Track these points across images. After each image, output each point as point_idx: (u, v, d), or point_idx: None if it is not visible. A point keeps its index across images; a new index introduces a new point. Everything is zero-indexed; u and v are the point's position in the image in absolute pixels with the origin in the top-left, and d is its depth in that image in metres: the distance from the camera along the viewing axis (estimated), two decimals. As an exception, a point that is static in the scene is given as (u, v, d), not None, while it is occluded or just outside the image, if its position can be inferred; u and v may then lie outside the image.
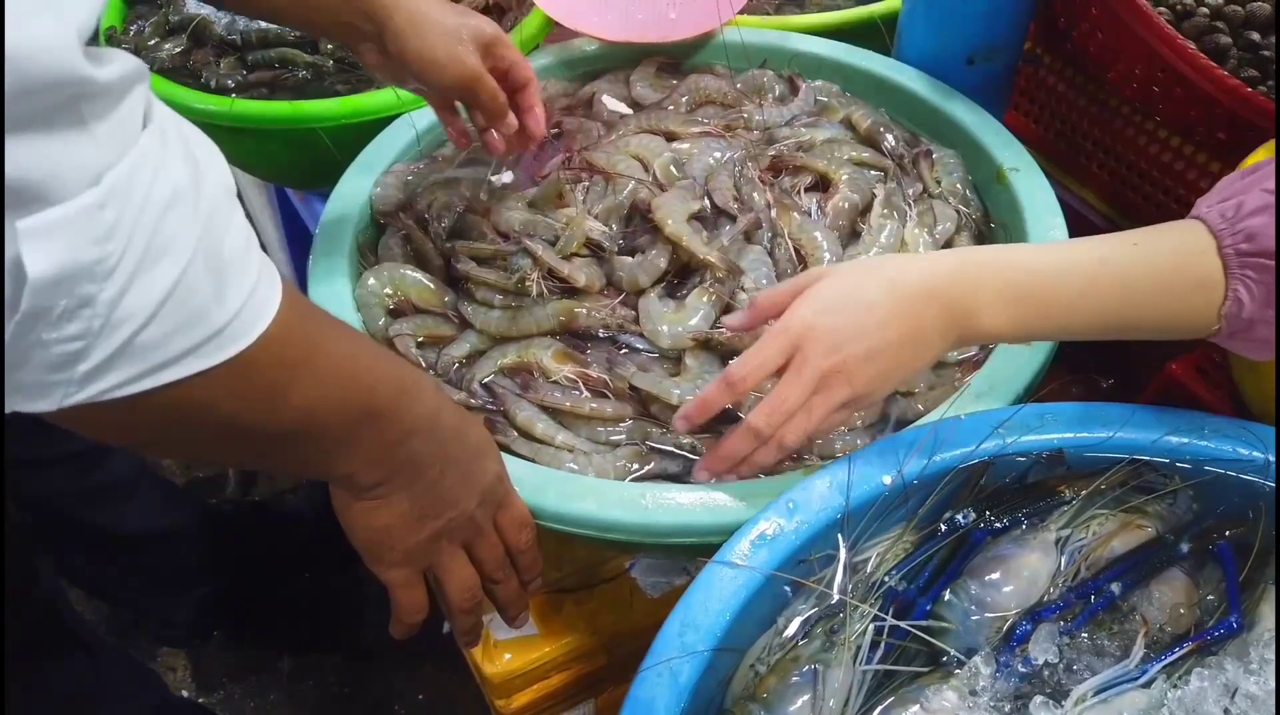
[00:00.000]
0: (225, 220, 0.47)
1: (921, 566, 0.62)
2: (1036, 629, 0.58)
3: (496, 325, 0.87)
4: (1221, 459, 0.64)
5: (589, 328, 0.86)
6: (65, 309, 0.41)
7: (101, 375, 0.43)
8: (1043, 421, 0.66)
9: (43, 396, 0.43)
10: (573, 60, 1.16)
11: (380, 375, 0.60)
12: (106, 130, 0.41)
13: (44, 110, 0.38)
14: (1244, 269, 0.60)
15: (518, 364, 0.84)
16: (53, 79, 0.38)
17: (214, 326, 0.46)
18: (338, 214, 0.97)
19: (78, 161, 0.40)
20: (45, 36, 0.37)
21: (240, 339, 0.48)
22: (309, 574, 1.55)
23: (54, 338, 0.41)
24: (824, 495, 0.63)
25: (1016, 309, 0.64)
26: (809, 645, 0.59)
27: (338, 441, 0.58)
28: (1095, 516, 0.64)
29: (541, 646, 0.89)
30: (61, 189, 0.39)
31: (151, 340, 0.44)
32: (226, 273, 0.47)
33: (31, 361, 0.42)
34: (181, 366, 0.46)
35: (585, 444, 0.79)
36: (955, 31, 1.06)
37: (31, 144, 0.38)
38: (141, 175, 0.42)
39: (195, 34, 1.21)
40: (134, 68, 0.43)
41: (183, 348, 0.45)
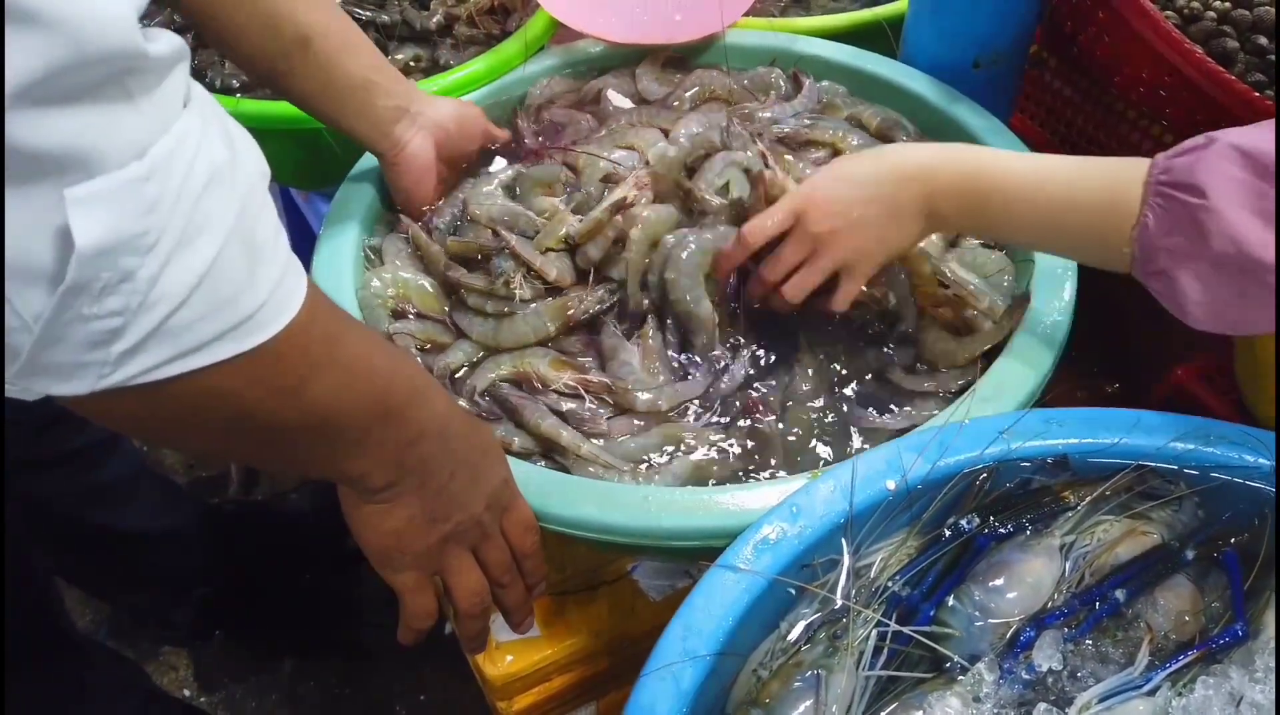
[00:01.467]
0: (260, 204, 0.48)
1: (925, 572, 0.62)
2: (1040, 636, 0.58)
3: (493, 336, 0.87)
4: (1227, 466, 0.64)
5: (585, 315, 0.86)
6: (107, 282, 0.41)
7: (135, 356, 0.43)
8: (1047, 427, 0.66)
9: (76, 377, 0.43)
10: (577, 61, 1.16)
11: (396, 375, 0.60)
12: (151, 104, 0.41)
13: (94, 82, 0.38)
14: (1155, 197, 0.65)
15: (515, 374, 0.84)
16: (111, 51, 0.38)
17: (244, 312, 0.46)
18: (341, 214, 0.97)
19: (124, 133, 0.40)
20: (106, 9, 0.37)
21: (268, 327, 0.48)
22: (310, 574, 1.55)
23: (94, 313, 0.41)
24: (827, 499, 0.63)
25: (962, 200, 0.74)
26: (812, 650, 0.58)
27: (352, 440, 0.58)
28: (1100, 523, 0.64)
29: (543, 649, 0.89)
30: (108, 159, 0.39)
31: (185, 322, 0.44)
32: (258, 258, 0.47)
33: (69, 339, 0.41)
34: (211, 351, 0.46)
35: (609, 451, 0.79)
36: (961, 35, 1.05)
37: (80, 114, 0.38)
38: (183, 152, 0.42)
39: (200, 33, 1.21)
40: (178, 46, 0.43)
41: (214, 332, 0.45)
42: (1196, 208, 0.62)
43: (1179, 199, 0.63)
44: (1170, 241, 0.64)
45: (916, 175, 0.76)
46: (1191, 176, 0.63)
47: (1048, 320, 0.79)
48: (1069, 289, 0.82)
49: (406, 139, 0.93)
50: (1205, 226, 0.62)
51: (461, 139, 0.98)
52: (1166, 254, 0.64)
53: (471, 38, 1.23)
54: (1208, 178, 0.62)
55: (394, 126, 0.92)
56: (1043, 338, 0.78)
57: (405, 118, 0.93)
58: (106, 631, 1.58)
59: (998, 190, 0.73)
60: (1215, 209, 0.61)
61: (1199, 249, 0.62)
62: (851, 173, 0.79)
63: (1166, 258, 0.65)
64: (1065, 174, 0.71)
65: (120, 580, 1.43)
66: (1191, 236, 0.63)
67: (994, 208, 0.73)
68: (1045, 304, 0.81)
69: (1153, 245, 0.65)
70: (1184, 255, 0.63)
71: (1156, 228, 0.64)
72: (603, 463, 0.77)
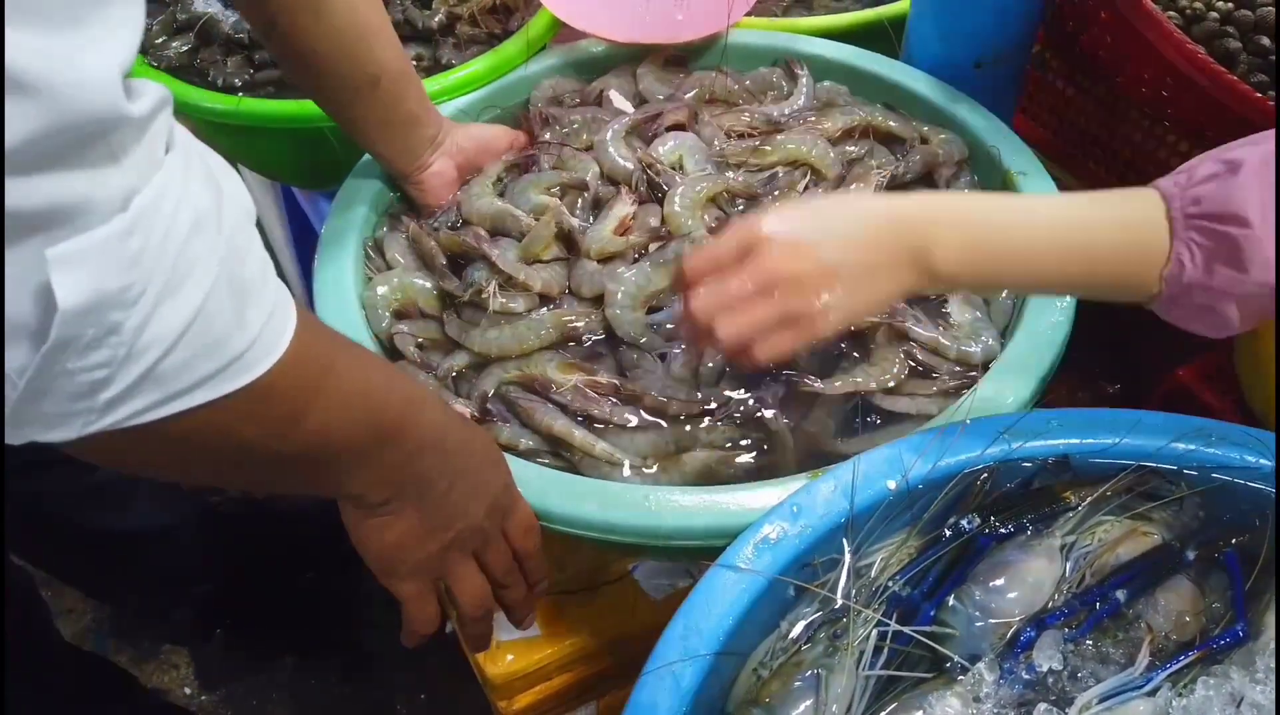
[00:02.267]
0: (246, 244, 0.48)
1: (925, 572, 0.62)
2: (1041, 636, 0.58)
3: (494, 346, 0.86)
4: (1229, 466, 0.64)
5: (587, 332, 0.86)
6: (92, 338, 0.40)
7: (123, 403, 0.43)
8: (1049, 427, 0.66)
9: (63, 425, 0.43)
10: (579, 61, 1.16)
11: (392, 393, 0.60)
12: (133, 159, 0.41)
13: (77, 143, 0.38)
14: (1189, 231, 0.60)
15: (522, 378, 0.84)
16: (94, 116, 0.38)
17: (234, 352, 0.46)
18: (343, 213, 0.97)
19: (106, 190, 0.40)
20: (94, 77, 0.37)
21: (259, 364, 0.48)
22: (311, 573, 1.55)
23: (79, 367, 0.41)
24: (828, 499, 0.63)
25: (971, 255, 0.64)
26: (812, 650, 0.58)
27: (350, 462, 0.58)
28: (1101, 523, 0.64)
29: (544, 648, 0.89)
30: (90, 216, 0.39)
31: (174, 367, 0.44)
32: (246, 297, 0.47)
33: (55, 391, 0.41)
34: (202, 392, 0.46)
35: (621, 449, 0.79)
36: (963, 35, 1.05)
37: (62, 176, 0.38)
38: (166, 202, 0.42)
39: (203, 32, 1.21)
40: (161, 97, 0.43)
41: (204, 374, 0.45)
42: (1240, 237, 0.59)
43: (1216, 230, 0.59)
44: (1208, 276, 0.60)
45: (909, 225, 0.65)
46: (1228, 204, 0.59)
47: (1048, 321, 0.79)
48: (1070, 289, 0.82)
49: (429, 161, 0.98)
50: (1248, 256, 0.58)
51: (481, 156, 1.02)
52: (1204, 291, 0.60)
53: (473, 37, 1.23)
54: (1246, 203, 0.59)
55: (423, 153, 0.98)
56: (1043, 339, 0.78)
57: (432, 144, 0.98)
58: (106, 631, 1.59)
59: (1009, 238, 0.65)
60: (1257, 238, 0.58)
61: (1241, 279, 0.59)
62: (832, 213, 0.67)
63: (1204, 294, 0.61)
64: (1082, 212, 0.65)
65: (120, 580, 1.43)
66: (1233, 267, 0.59)
67: (1005, 258, 0.65)
68: (1046, 305, 0.81)
69: (1191, 283, 0.60)
70: (1226, 288, 0.60)
71: (1193, 266, 0.60)
72: (615, 462, 0.77)
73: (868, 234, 0.65)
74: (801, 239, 0.65)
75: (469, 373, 0.87)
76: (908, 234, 0.64)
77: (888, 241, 0.64)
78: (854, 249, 0.64)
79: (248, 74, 1.18)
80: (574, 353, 0.86)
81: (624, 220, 0.92)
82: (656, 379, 0.82)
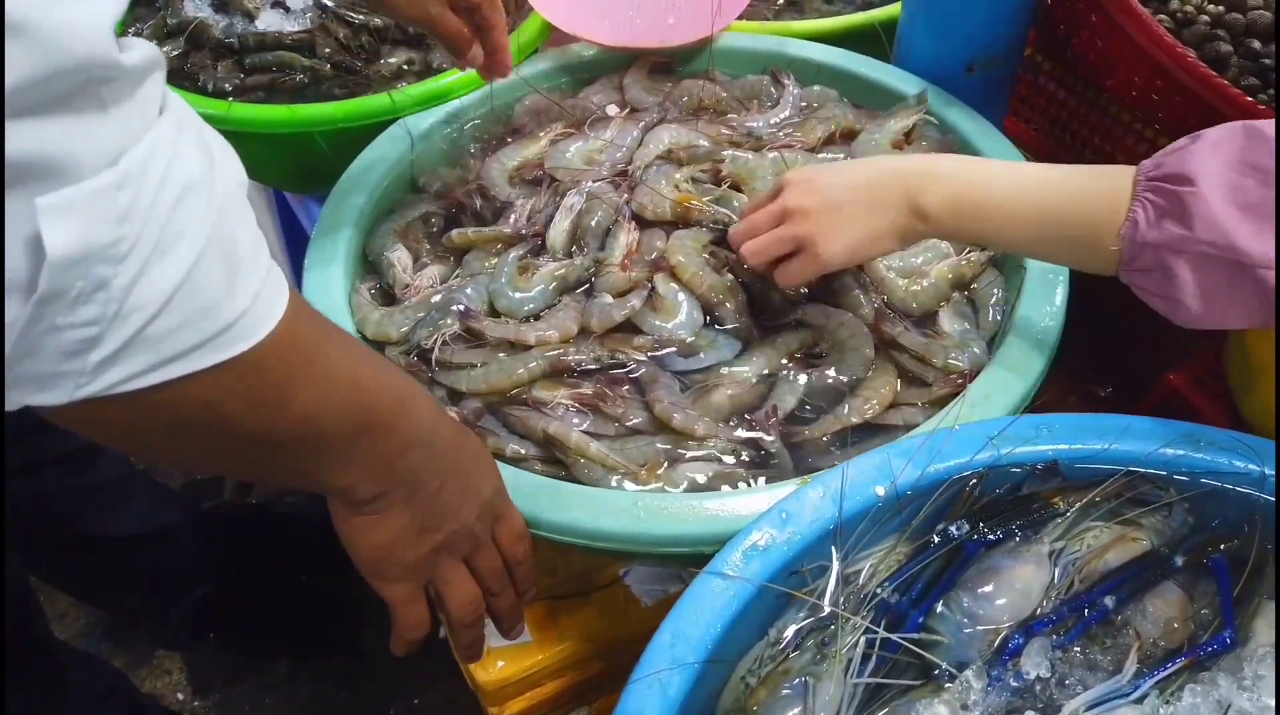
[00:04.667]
0: (238, 214, 0.47)
1: (914, 578, 0.62)
2: (1029, 642, 0.57)
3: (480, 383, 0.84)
4: (1218, 472, 0.64)
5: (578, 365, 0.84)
6: (81, 292, 0.40)
7: (112, 365, 0.43)
8: (1038, 432, 0.66)
9: (53, 387, 0.43)
10: (570, 65, 1.16)
11: (381, 385, 0.59)
12: (124, 113, 0.41)
13: (67, 91, 0.38)
14: (1145, 192, 0.66)
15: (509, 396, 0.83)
16: (85, 62, 0.38)
17: (223, 321, 0.46)
18: (333, 218, 0.97)
19: (96, 142, 0.40)
20: (82, 20, 0.37)
21: (249, 337, 0.47)
22: (306, 576, 1.55)
23: (69, 322, 0.41)
24: (817, 506, 0.63)
25: (953, 200, 0.74)
26: (800, 657, 0.58)
27: (338, 451, 0.57)
28: (1090, 529, 0.64)
29: (535, 654, 0.89)
30: (80, 168, 0.39)
31: (162, 331, 0.44)
32: (238, 268, 0.46)
33: (45, 349, 0.41)
34: (191, 360, 0.45)
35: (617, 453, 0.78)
36: (955, 38, 1.05)
37: (52, 123, 0.38)
38: (157, 160, 0.42)
39: (193, 36, 1.20)
40: (152, 55, 0.43)
41: (192, 342, 0.45)
42: (1186, 194, 0.63)
43: (1167, 189, 0.64)
44: (1159, 232, 0.64)
45: (907, 173, 0.76)
46: (1181, 167, 0.64)
47: (1039, 325, 0.79)
48: (1060, 294, 0.82)
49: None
50: (1192, 212, 0.62)
51: None
52: (1154, 248, 0.65)
53: (465, 41, 1.22)
54: (1197, 167, 0.63)
55: None
56: (1033, 343, 0.78)
57: None
58: (99, 636, 1.58)
59: (990, 191, 0.73)
60: (1203, 195, 0.62)
61: (1187, 237, 0.63)
62: (848, 166, 0.83)
63: (1154, 252, 0.65)
64: (1059, 176, 0.72)
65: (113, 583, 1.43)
66: (1180, 223, 0.63)
67: (986, 208, 0.73)
68: (1036, 309, 0.81)
69: (1141, 240, 0.65)
70: (1174, 245, 0.64)
71: (1146, 223, 0.65)
72: (610, 465, 0.76)
73: (870, 178, 0.78)
74: (814, 181, 0.80)
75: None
76: (904, 179, 0.76)
77: (886, 183, 0.77)
78: (857, 189, 0.78)
79: (238, 78, 1.18)
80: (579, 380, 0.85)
81: (630, 247, 0.93)
82: (672, 393, 0.82)
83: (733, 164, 0.99)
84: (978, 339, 0.83)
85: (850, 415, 0.78)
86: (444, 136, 1.08)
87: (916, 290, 0.87)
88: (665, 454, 0.77)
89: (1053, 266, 0.83)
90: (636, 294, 0.88)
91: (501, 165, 1.04)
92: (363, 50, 1.24)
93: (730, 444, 0.78)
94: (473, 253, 0.96)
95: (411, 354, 0.86)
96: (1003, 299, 0.86)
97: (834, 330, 0.85)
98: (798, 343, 0.85)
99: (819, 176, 0.80)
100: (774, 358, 0.84)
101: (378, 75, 1.22)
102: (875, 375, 0.81)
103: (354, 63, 1.22)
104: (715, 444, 0.78)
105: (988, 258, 0.90)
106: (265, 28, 1.21)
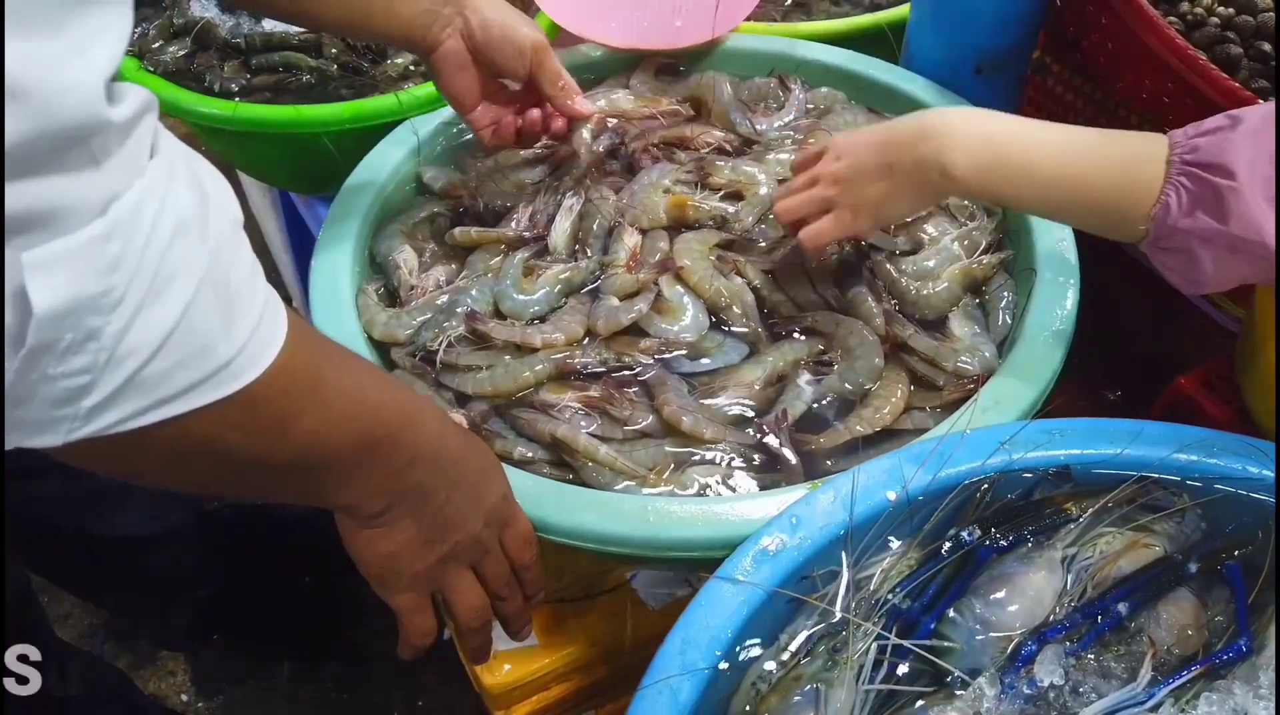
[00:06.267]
0: (232, 251, 0.47)
1: (926, 584, 0.61)
2: (1042, 650, 0.57)
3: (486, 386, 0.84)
4: (1231, 477, 0.63)
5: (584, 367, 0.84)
6: (71, 343, 0.40)
7: (107, 409, 0.43)
8: (1049, 437, 0.66)
9: (48, 431, 0.42)
10: (578, 66, 1.16)
11: (385, 403, 0.59)
12: (115, 163, 0.40)
13: (58, 149, 0.38)
14: (1180, 175, 0.65)
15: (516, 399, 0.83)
16: (76, 124, 0.38)
17: (220, 360, 0.46)
18: (340, 219, 0.96)
19: (85, 194, 0.39)
20: (74, 85, 0.37)
21: (246, 373, 0.47)
22: (308, 578, 1.55)
23: (59, 372, 0.40)
24: (827, 510, 0.62)
25: (978, 158, 0.73)
26: (811, 664, 0.58)
27: (343, 472, 0.57)
28: (1102, 535, 0.63)
29: (541, 658, 0.89)
30: (68, 221, 0.39)
31: (158, 374, 0.43)
32: (234, 305, 0.46)
33: (36, 397, 0.41)
34: (187, 400, 0.45)
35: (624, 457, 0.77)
36: (964, 40, 1.05)
37: (42, 180, 0.38)
38: (148, 207, 0.41)
39: (199, 37, 1.20)
40: (144, 101, 0.42)
41: (189, 382, 0.45)
42: (1225, 189, 0.62)
43: (1205, 179, 0.63)
44: (1191, 221, 0.64)
45: (934, 131, 0.75)
46: (1220, 156, 0.63)
47: (1050, 330, 0.79)
48: (1071, 297, 0.81)
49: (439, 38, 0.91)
50: (1230, 209, 0.62)
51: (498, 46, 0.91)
52: (1184, 234, 0.65)
53: (471, 42, 1.22)
54: (1236, 158, 0.62)
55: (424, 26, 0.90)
56: (1045, 348, 0.78)
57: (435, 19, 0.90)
58: (102, 636, 1.58)
59: (1017, 151, 0.72)
60: (1242, 193, 0.62)
61: (1221, 231, 0.63)
62: (879, 128, 0.84)
63: (1184, 237, 0.65)
64: (1087, 143, 0.71)
65: (116, 585, 1.42)
66: (1215, 217, 0.63)
67: (1011, 168, 0.72)
68: (1047, 313, 0.80)
69: (1173, 225, 0.65)
70: (1206, 236, 0.64)
71: (1179, 208, 0.64)
72: (619, 468, 0.76)
73: (895, 138, 0.78)
74: (849, 144, 0.81)
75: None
76: (934, 140, 0.75)
77: (917, 146, 0.76)
78: (885, 148, 0.78)
79: (244, 79, 1.18)
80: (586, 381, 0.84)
81: (634, 249, 0.92)
82: (681, 396, 0.81)
83: (733, 173, 0.98)
84: (988, 343, 0.82)
85: (860, 426, 0.78)
86: (450, 137, 1.08)
87: (928, 293, 0.87)
88: (674, 457, 0.77)
89: (1064, 271, 0.83)
90: (643, 297, 0.88)
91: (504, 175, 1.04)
92: (369, 51, 1.24)
93: (739, 447, 0.77)
94: (477, 253, 0.96)
95: (417, 356, 0.85)
96: (1013, 302, 0.86)
97: (843, 338, 0.84)
98: (807, 350, 0.85)
99: (855, 139, 0.81)
100: (782, 362, 0.84)
101: (384, 76, 1.21)
102: (886, 383, 0.81)
103: (360, 63, 1.22)
104: (725, 447, 0.77)
105: (998, 260, 0.89)
106: (272, 28, 1.21)
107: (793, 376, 0.83)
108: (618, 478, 0.75)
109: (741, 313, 0.87)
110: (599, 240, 0.95)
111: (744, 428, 0.79)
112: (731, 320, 0.88)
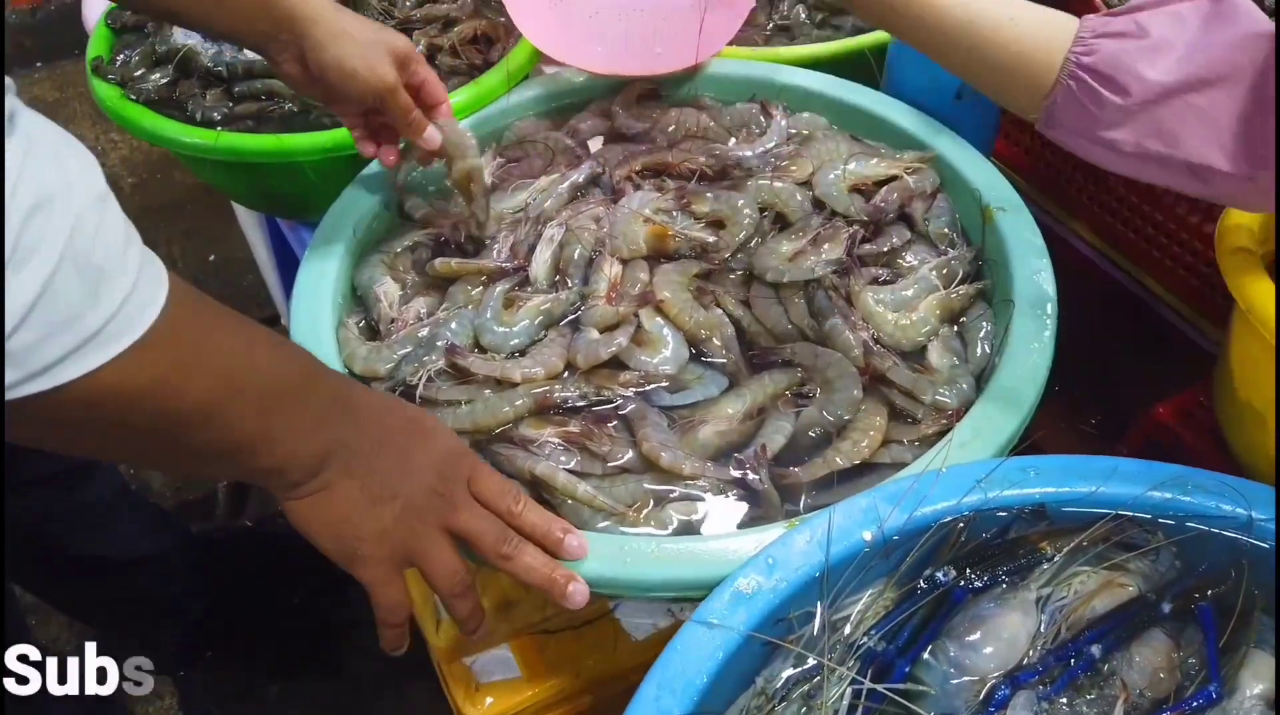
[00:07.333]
0: (95, 225, 0.48)
1: (901, 626, 0.62)
2: (1015, 694, 0.57)
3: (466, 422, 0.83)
4: (1205, 515, 0.63)
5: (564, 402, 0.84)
6: None
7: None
8: (1025, 476, 0.66)
9: None
10: (559, 92, 1.16)
11: (281, 362, 0.60)
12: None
13: None
14: (1070, 79, 0.66)
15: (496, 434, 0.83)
16: None
17: (90, 329, 0.47)
18: (321, 251, 0.96)
19: None
20: None
21: (120, 339, 0.48)
22: (297, 598, 1.55)
23: None
24: (804, 551, 0.63)
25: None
26: (787, 709, 0.58)
27: (251, 434, 0.58)
28: (1077, 574, 0.64)
29: (524, 689, 0.89)
30: None
31: (24, 345, 0.45)
32: (100, 276, 0.47)
33: None
34: (62, 370, 0.46)
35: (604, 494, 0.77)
36: (943, 66, 1.05)
37: None
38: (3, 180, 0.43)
39: (181, 64, 1.20)
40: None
41: (58, 353, 0.46)
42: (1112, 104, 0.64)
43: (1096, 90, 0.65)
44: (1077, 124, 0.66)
45: None
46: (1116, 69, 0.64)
47: (1027, 362, 0.79)
48: (1049, 328, 0.81)
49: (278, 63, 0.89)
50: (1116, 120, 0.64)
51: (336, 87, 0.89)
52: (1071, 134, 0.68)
53: (454, 68, 1.22)
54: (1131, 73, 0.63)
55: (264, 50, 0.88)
56: (1022, 381, 0.78)
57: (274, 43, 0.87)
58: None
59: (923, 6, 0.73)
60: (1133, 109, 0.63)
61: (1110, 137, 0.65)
62: None
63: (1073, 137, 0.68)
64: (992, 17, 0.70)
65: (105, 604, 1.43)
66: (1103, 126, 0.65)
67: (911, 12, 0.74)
68: (1024, 345, 0.80)
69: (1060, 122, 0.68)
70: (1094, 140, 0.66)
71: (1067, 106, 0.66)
72: (598, 505, 0.76)
73: None
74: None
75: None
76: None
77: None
78: None
79: (226, 107, 1.17)
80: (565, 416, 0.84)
81: (614, 280, 0.92)
82: (660, 431, 0.81)
83: (715, 203, 0.98)
84: (966, 375, 0.83)
85: (840, 459, 0.78)
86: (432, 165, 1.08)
87: (906, 324, 0.87)
88: (653, 494, 0.77)
89: (1042, 303, 0.83)
90: (623, 330, 0.88)
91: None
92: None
93: (718, 483, 0.77)
94: (457, 284, 0.96)
95: (397, 391, 0.85)
96: (991, 333, 0.86)
97: (822, 370, 0.84)
98: (786, 382, 0.85)
99: None
100: (762, 394, 0.84)
101: (366, 102, 1.21)
102: (865, 416, 0.81)
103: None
104: (704, 483, 0.77)
105: (976, 290, 0.90)
106: (254, 56, 1.21)
107: (772, 409, 0.83)
108: (597, 515, 0.75)
109: (721, 345, 0.88)
110: (579, 270, 0.95)
111: (724, 462, 0.79)
112: (711, 352, 0.88)
